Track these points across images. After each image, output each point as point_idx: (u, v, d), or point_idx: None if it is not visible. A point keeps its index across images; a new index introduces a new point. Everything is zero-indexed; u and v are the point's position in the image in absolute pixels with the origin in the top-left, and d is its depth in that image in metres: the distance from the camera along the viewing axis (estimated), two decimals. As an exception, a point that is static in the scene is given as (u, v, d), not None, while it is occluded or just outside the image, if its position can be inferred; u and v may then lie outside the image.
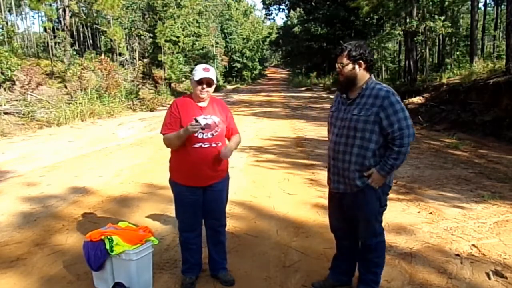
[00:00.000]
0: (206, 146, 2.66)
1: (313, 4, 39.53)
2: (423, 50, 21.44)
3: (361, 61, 2.39)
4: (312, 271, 3.04)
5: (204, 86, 2.64)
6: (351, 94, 2.47)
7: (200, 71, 2.63)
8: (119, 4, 17.81)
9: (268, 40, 56.33)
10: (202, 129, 2.55)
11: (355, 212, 2.54)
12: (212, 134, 2.67)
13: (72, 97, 13.95)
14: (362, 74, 2.42)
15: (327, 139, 2.72)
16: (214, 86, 2.71)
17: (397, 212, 4.22)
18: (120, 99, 15.99)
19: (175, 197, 2.83)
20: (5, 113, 10.79)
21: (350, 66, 2.40)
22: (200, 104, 2.71)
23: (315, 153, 7.55)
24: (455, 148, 7.85)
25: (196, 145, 2.63)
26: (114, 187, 5.43)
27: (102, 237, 2.69)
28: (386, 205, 2.56)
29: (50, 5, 17.53)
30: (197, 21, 28.84)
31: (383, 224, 2.62)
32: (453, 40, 24.13)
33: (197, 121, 2.51)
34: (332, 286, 2.77)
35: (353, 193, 2.48)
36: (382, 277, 2.66)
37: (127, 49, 21.85)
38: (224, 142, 2.79)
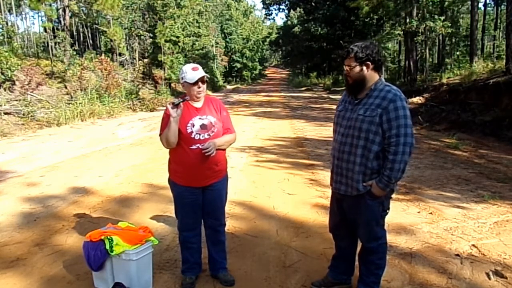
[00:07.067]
0: None
1: (313, 4, 39.50)
2: (423, 50, 21.46)
3: (368, 62, 2.33)
4: (312, 271, 3.04)
5: (200, 84, 2.65)
6: (359, 94, 2.42)
7: (191, 73, 2.63)
8: (119, 4, 17.81)
9: (268, 40, 56.34)
10: (182, 101, 2.58)
11: (355, 216, 2.51)
12: (209, 135, 2.66)
13: (72, 97, 13.95)
14: (371, 75, 2.36)
15: (327, 139, 2.71)
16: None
17: (397, 212, 4.21)
18: (120, 99, 15.98)
19: (174, 197, 2.83)
20: (5, 113, 10.79)
21: (357, 68, 2.34)
22: (196, 105, 2.71)
23: (315, 153, 7.54)
24: (455, 148, 7.85)
25: (194, 147, 2.63)
26: (114, 187, 5.42)
27: (102, 237, 2.69)
28: (388, 209, 2.51)
29: (50, 5, 17.53)
30: (197, 21, 28.86)
31: (383, 225, 2.61)
32: (453, 40, 24.17)
33: (173, 103, 2.55)
34: (332, 285, 2.77)
35: (353, 196, 2.44)
36: (382, 277, 2.66)
37: (127, 49, 21.87)
38: None
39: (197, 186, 2.72)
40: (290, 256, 3.32)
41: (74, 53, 17.30)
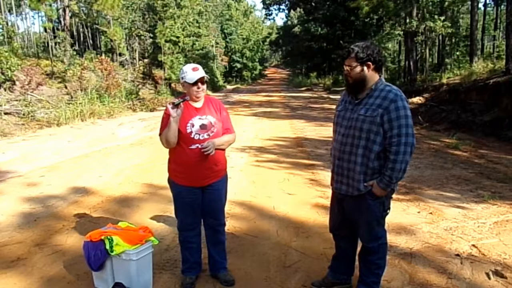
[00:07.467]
0: None
1: (313, 4, 39.50)
2: (423, 50, 21.46)
3: (369, 62, 2.34)
4: (312, 271, 3.04)
5: (199, 84, 2.65)
6: (359, 95, 2.42)
7: (191, 73, 2.63)
8: (119, 4, 17.83)
9: (268, 40, 56.30)
10: (182, 101, 2.60)
11: (356, 216, 2.51)
12: (209, 135, 2.67)
13: (72, 97, 13.95)
14: (371, 75, 2.37)
15: (327, 139, 2.71)
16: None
17: (397, 212, 4.21)
18: (120, 99, 15.97)
19: (174, 197, 2.84)
20: (5, 113, 10.79)
21: (358, 68, 2.34)
22: (195, 105, 2.72)
23: (315, 153, 7.55)
24: (455, 148, 7.85)
25: (193, 146, 2.64)
26: (114, 187, 5.43)
27: (102, 237, 2.69)
28: (389, 208, 2.51)
29: (50, 5, 17.54)
30: (197, 21, 28.82)
31: (383, 225, 2.61)
32: (453, 40, 24.14)
33: (173, 103, 2.57)
34: (332, 285, 2.77)
35: (354, 196, 2.44)
36: (382, 277, 2.66)
37: (127, 49, 21.86)
38: None
39: (196, 186, 2.73)
40: (290, 256, 3.32)
41: (74, 53, 17.30)
